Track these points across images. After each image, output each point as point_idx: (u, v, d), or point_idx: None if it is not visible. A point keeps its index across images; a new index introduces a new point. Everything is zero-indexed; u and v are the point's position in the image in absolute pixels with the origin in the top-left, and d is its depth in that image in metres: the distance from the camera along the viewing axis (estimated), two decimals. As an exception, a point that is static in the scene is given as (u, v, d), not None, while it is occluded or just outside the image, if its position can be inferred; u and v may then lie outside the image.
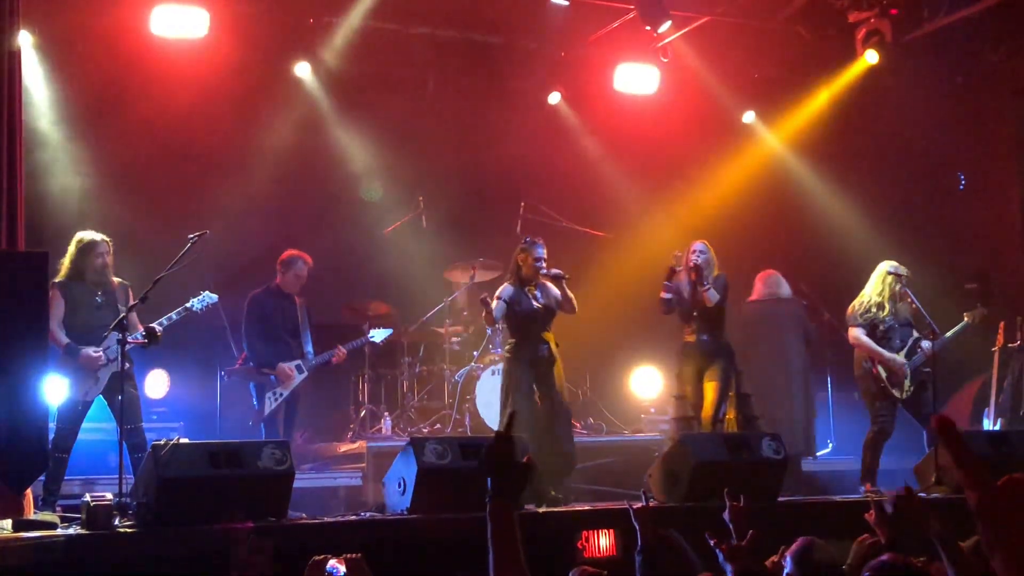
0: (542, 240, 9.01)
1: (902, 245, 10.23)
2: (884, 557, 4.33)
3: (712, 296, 9.17)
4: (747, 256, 12.68)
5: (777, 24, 12.38)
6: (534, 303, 8.79)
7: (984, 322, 9.70)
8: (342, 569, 4.62)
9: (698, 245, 9.37)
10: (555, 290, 8.87)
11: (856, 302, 9.49)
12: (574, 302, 8.85)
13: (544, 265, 8.82)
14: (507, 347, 8.88)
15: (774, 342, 11.61)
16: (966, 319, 9.53)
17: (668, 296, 9.29)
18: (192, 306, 8.58)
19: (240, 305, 9.92)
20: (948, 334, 9.45)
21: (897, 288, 9.33)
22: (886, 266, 9.44)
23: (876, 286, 9.42)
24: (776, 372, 11.55)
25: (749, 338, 11.65)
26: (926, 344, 9.24)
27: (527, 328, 8.78)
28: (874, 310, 9.35)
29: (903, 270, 9.41)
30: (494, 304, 8.72)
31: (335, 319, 11.25)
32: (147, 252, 9.41)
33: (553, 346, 8.82)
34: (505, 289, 8.82)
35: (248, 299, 9.87)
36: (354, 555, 4.68)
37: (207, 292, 8.70)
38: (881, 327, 9.33)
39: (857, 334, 9.41)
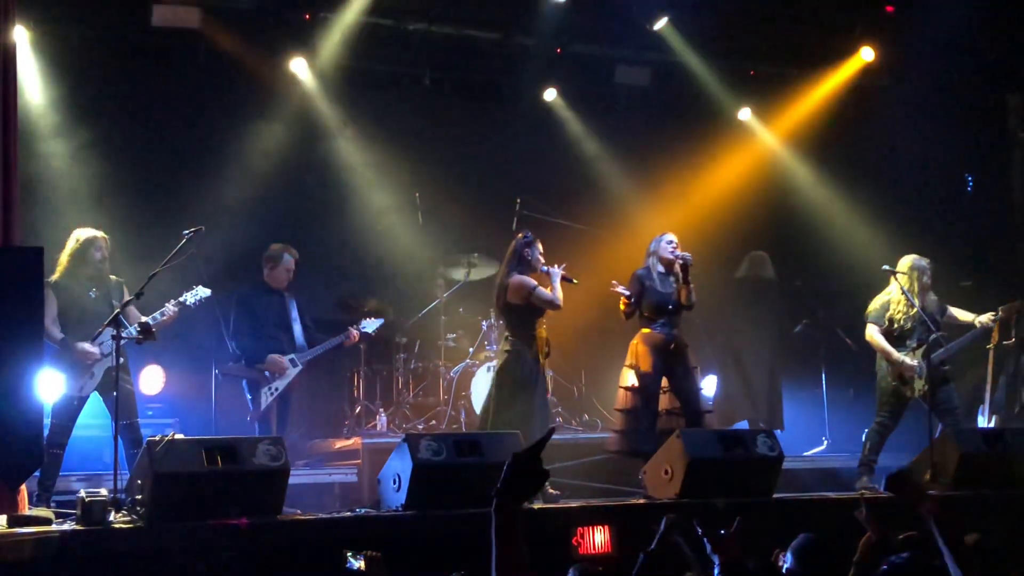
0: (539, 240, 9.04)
1: (898, 243, 10.23)
2: (905, 555, 4.35)
3: (692, 298, 9.07)
4: (742, 253, 12.72)
5: (773, 21, 12.37)
6: None
7: (1019, 315, 9.73)
8: (357, 564, 4.64)
9: (674, 238, 9.21)
10: None
11: (876, 299, 9.48)
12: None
13: (551, 268, 8.84)
14: (516, 339, 8.74)
15: (754, 320, 11.78)
16: (1000, 312, 9.55)
17: (632, 309, 9.14)
18: (185, 300, 8.58)
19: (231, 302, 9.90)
20: (979, 321, 9.49)
21: (923, 280, 9.34)
22: (904, 263, 9.43)
23: (892, 283, 9.41)
24: (757, 349, 11.93)
25: (736, 313, 11.80)
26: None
27: (538, 322, 8.80)
28: (903, 307, 9.32)
29: (909, 269, 9.37)
30: (536, 291, 8.69)
31: (328, 315, 11.24)
32: (142, 248, 9.40)
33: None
34: (531, 280, 8.75)
35: (236, 297, 9.82)
36: (374, 553, 4.70)
37: (200, 287, 8.70)
38: (899, 325, 9.32)
39: (871, 332, 9.41)
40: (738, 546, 4.75)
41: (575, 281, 8.87)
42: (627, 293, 9.02)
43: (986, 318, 9.50)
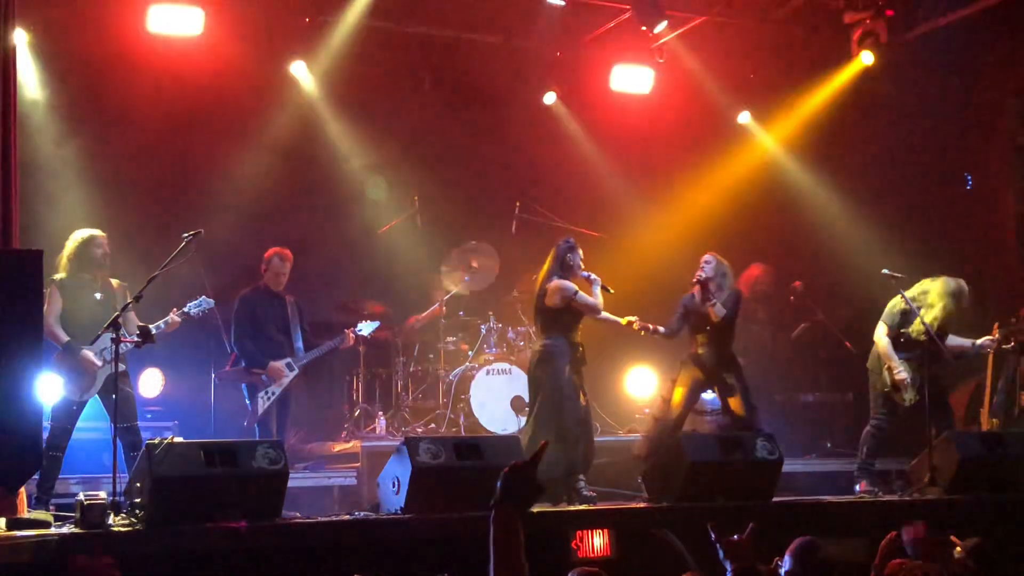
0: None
1: (896, 246, 10.24)
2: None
3: (719, 311, 9.12)
4: (742, 257, 12.71)
5: (772, 25, 12.38)
6: None
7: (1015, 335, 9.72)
8: None
9: (706, 257, 9.33)
10: None
11: (897, 302, 9.38)
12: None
13: (590, 274, 8.86)
14: (549, 343, 8.72)
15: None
16: (997, 334, 9.52)
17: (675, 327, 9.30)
18: (189, 310, 8.61)
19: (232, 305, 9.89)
20: (978, 342, 9.45)
21: (961, 306, 9.29)
22: (948, 287, 9.35)
23: (928, 296, 9.35)
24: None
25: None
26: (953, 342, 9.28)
27: (574, 328, 8.81)
28: (907, 314, 9.30)
29: (955, 293, 9.28)
30: (577, 296, 8.70)
31: (329, 318, 11.25)
32: (142, 251, 9.40)
33: None
34: (572, 285, 8.75)
35: (237, 300, 9.81)
36: None
37: (204, 297, 8.73)
38: (907, 332, 9.29)
39: (879, 333, 9.36)
40: (751, 553, 4.73)
41: (611, 290, 8.88)
42: (659, 329, 9.21)
43: (985, 341, 9.49)
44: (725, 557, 4.70)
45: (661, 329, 9.26)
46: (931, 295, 9.31)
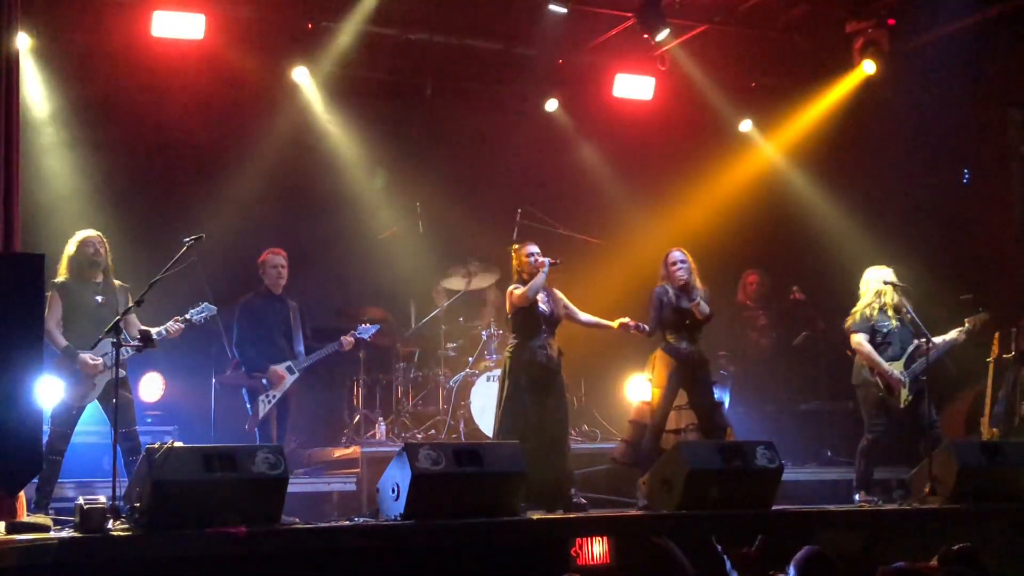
0: (531, 242, 9.06)
1: (898, 254, 10.24)
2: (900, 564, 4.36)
3: (704, 309, 9.10)
4: (742, 265, 12.72)
5: (774, 33, 12.40)
6: (541, 306, 8.83)
7: (985, 327, 9.71)
8: None
9: (677, 255, 9.26)
10: (562, 297, 9.00)
11: (856, 309, 9.50)
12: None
13: (536, 258, 8.83)
14: (512, 348, 8.78)
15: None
16: (967, 324, 9.53)
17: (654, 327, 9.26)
18: (191, 317, 8.58)
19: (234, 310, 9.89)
20: (947, 337, 9.46)
21: (896, 296, 9.33)
22: (879, 274, 9.46)
23: (874, 293, 9.42)
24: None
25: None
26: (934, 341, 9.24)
27: (535, 326, 8.79)
28: (876, 315, 9.35)
29: (891, 277, 9.42)
30: (513, 293, 8.76)
31: (330, 324, 11.24)
32: (144, 256, 9.39)
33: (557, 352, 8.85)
34: (516, 286, 8.82)
35: (239, 304, 9.78)
36: None
37: (206, 303, 8.70)
38: (882, 331, 9.33)
39: (860, 340, 9.39)
40: (760, 566, 4.72)
41: (558, 261, 8.84)
42: (645, 328, 9.16)
43: (955, 332, 9.51)
44: (733, 568, 4.69)
45: (645, 327, 9.19)
46: (862, 289, 9.53)
